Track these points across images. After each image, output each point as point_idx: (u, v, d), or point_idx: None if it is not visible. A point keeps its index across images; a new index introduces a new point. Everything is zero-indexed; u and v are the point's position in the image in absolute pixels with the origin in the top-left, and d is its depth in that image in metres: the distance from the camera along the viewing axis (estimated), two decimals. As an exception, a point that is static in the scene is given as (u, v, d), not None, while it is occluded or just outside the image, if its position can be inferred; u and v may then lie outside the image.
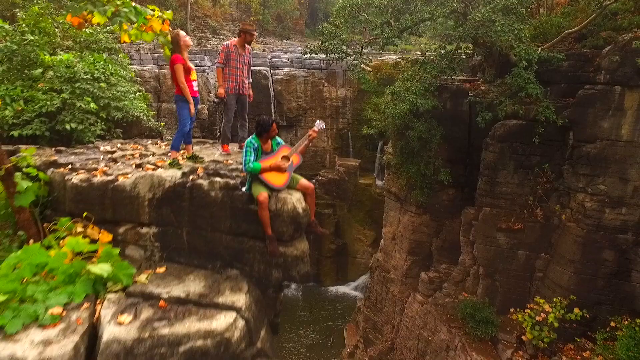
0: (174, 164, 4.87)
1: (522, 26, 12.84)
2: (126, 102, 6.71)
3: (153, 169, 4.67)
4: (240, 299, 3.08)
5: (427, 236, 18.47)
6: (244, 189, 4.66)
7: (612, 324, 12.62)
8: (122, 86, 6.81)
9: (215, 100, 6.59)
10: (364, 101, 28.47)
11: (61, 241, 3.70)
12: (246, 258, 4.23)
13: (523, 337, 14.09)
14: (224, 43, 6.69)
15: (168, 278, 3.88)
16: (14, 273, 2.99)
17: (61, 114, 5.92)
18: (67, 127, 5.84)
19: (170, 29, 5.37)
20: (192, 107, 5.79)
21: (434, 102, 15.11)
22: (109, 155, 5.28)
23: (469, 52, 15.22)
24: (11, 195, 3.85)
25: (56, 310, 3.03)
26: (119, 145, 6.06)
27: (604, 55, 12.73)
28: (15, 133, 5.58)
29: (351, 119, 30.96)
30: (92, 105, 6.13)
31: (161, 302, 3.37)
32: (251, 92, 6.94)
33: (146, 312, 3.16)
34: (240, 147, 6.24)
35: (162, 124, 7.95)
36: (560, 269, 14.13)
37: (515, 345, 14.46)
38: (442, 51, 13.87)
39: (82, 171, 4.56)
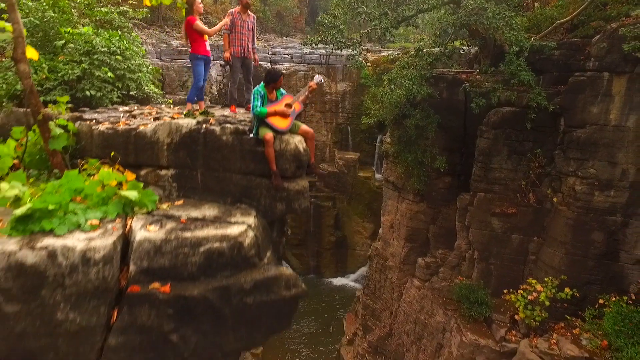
0: (189, 115, 5.41)
1: (513, 14, 13.33)
2: (140, 75, 7.24)
3: (171, 119, 5.21)
4: (250, 219, 3.55)
5: (424, 223, 18.95)
6: (251, 134, 5.20)
7: (601, 301, 13.09)
8: (135, 60, 7.34)
9: (222, 63, 7.16)
10: (363, 94, 28.96)
11: (92, 177, 4.17)
12: (254, 194, 4.73)
13: (516, 317, 14.55)
14: (229, 11, 7.26)
15: (186, 207, 4.39)
16: (57, 194, 3.47)
17: (81, 82, 6.43)
18: (87, 93, 6.35)
19: None
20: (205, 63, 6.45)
21: (429, 91, 15.60)
22: (128, 113, 5.77)
23: (464, 43, 15.70)
24: (46, 139, 4.32)
25: (94, 221, 3.50)
26: (136, 107, 6.58)
27: (594, 43, 13.22)
28: (40, 99, 6.07)
29: (350, 113, 31.46)
30: (110, 74, 6.65)
31: (182, 219, 3.86)
32: (256, 57, 7.51)
33: (170, 224, 3.63)
34: (247, 109, 6.77)
35: (171, 100, 8.47)
36: (551, 251, 14.61)
37: (508, 325, 14.91)
38: (437, 39, 14.35)
39: (107, 123, 5.09)
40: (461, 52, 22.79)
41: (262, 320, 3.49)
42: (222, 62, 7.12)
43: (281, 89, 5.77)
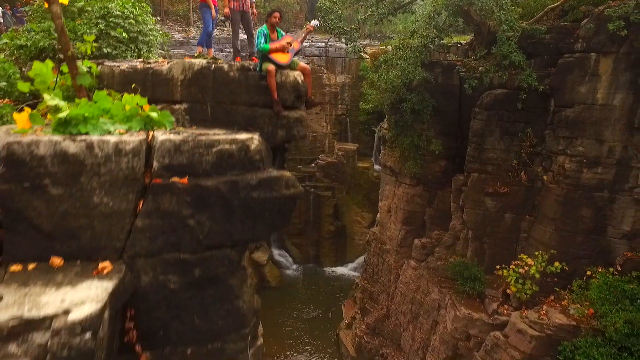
0: (200, 56, 5.99)
1: (505, -3, 13.90)
2: (151, 38, 7.82)
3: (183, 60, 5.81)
4: (255, 136, 4.07)
5: (421, 206, 19.49)
6: (256, 71, 5.82)
7: (588, 273, 13.62)
8: (147, 25, 7.91)
9: (222, 18, 7.75)
10: (362, 85, 29.45)
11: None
12: (257, 122, 5.29)
13: (508, 291, 15.07)
14: None
15: (199, 129, 4.94)
16: (90, 108, 4.02)
17: (98, 42, 6.99)
18: (104, 51, 6.94)
19: None
20: (213, 11, 7.11)
21: (425, 75, 16.16)
22: (144, 63, 6.31)
23: (459, 25, 16.22)
24: (74, 76, 4.86)
25: (122, 130, 4.04)
26: (149, 59, 7.17)
27: (582, 26, 13.78)
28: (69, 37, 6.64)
29: (350, 105, 31.95)
30: (124, 34, 7.22)
31: (196, 132, 4.40)
32: (255, 10, 8.12)
33: (186, 133, 4.16)
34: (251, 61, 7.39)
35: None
36: (542, 228, 15.15)
37: (500, 299, 15.45)
38: (432, 20, 14.89)
39: (126, 65, 5.67)
40: (458, 45, 23.38)
41: (265, 214, 4.02)
42: (222, 18, 7.71)
43: (281, 31, 6.41)
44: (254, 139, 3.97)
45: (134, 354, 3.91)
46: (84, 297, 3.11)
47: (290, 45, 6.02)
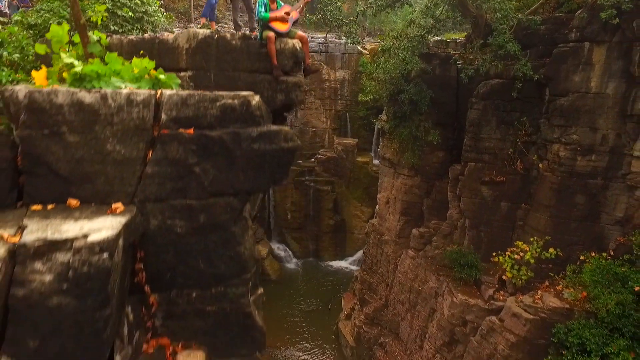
0: (204, 27, 6.30)
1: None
2: (156, 18, 8.14)
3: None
4: (255, 95, 4.36)
5: (419, 197, 19.78)
6: (257, 39, 6.12)
7: (582, 257, 13.89)
8: (152, 7, 8.23)
9: None
10: (361, 81, 29.71)
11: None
12: (258, 88, 5.60)
13: (503, 277, 15.33)
14: None
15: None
16: (102, 67, 4.34)
17: (104, 20, 7.32)
18: (111, 28, 7.25)
19: None
20: None
21: (423, 65, 16.47)
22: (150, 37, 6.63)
23: (456, 18, 16.52)
24: (85, 44, 5.17)
25: (132, 88, 4.33)
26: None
27: (576, 16, 14.07)
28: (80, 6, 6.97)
29: (349, 100, 32.22)
30: (130, 13, 7.55)
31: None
32: None
33: (193, 91, 4.46)
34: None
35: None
36: (537, 215, 15.42)
37: (496, 285, 15.72)
38: (428, 10, 15.18)
39: (133, 36, 5.99)
40: (457, 41, 23.68)
41: (265, 166, 4.29)
42: None
43: (280, 1, 6.73)
44: (254, 96, 4.25)
45: (143, 294, 4.19)
46: (100, 226, 3.40)
47: (289, 14, 6.33)
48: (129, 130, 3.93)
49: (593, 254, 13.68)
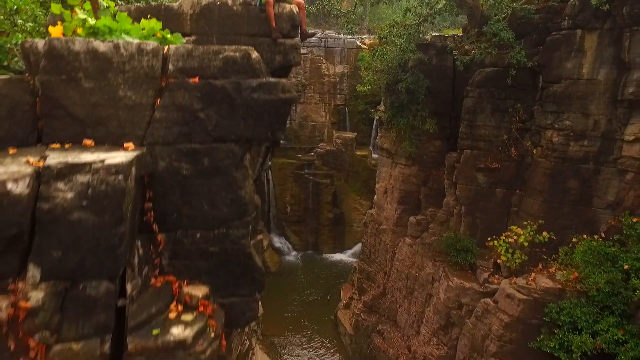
0: None
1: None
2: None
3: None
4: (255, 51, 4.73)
5: (416, 186, 20.11)
6: (256, 4, 6.49)
7: (574, 240, 14.23)
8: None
9: None
10: (360, 75, 29.98)
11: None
12: (258, 50, 5.89)
13: (498, 261, 15.67)
14: None
15: None
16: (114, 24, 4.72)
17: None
18: (119, 2, 7.65)
19: None
20: None
21: (419, 55, 16.82)
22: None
23: (453, 9, 16.87)
24: (95, 9, 5.52)
25: (141, 43, 4.70)
26: None
27: (569, 4, 14.43)
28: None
29: (348, 94, 32.57)
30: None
31: None
32: None
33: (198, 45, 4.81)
34: None
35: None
36: (531, 200, 15.77)
37: (491, 270, 16.06)
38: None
39: (141, 4, 6.37)
40: (455, 37, 24.01)
41: (264, 115, 4.63)
42: None
43: None
44: (255, 54, 4.60)
45: (152, 233, 4.52)
46: (115, 155, 3.74)
47: None
48: (139, 78, 4.27)
49: (585, 237, 14.01)
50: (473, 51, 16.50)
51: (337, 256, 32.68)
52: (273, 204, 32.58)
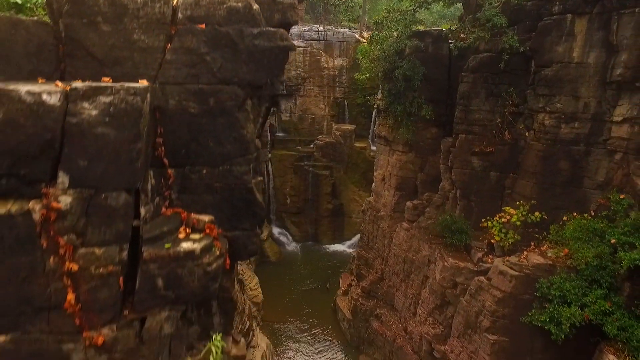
0: None
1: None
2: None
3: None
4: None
5: (413, 172, 20.59)
6: None
7: (565, 218, 14.66)
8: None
9: None
10: (359, 68, 30.42)
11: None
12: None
13: (492, 241, 16.12)
14: None
15: None
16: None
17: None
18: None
19: None
20: None
21: (416, 42, 17.30)
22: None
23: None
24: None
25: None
26: None
27: (560, -9, 14.88)
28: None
29: (347, 87, 33.07)
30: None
31: None
32: None
33: None
34: None
35: None
36: (524, 182, 16.22)
37: (485, 250, 16.49)
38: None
39: None
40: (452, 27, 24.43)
41: (264, 61, 5.08)
42: None
43: None
44: (255, 3, 5.06)
45: (163, 168, 4.96)
46: (132, 84, 4.20)
47: None
48: (152, 23, 4.73)
49: (575, 215, 14.44)
50: (467, 38, 16.98)
51: (336, 247, 33.15)
52: (273, 195, 33.05)
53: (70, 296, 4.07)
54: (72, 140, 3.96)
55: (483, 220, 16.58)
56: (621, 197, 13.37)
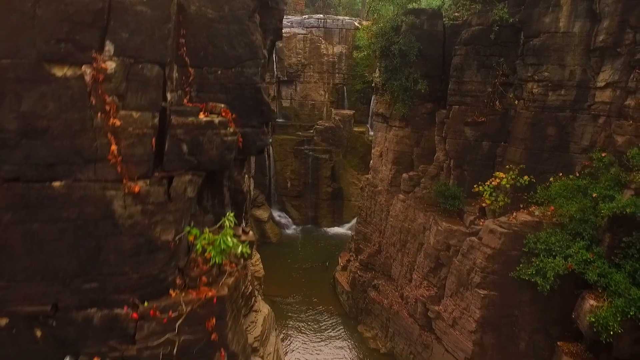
0: None
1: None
2: None
3: None
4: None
5: (409, 147, 21.37)
6: None
7: (551, 179, 15.47)
8: None
9: None
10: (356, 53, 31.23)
11: None
12: None
13: (483, 205, 16.91)
14: None
15: None
16: None
17: None
18: None
19: None
20: None
21: (412, 18, 18.14)
22: None
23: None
24: None
25: None
26: None
27: (547, -38, 15.69)
28: None
29: (346, 74, 33.87)
30: None
31: None
32: None
33: None
34: None
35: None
36: (514, 149, 17.02)
37: (477, 214, 17.29)
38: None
39: None
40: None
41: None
42: None
43: None
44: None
45: (184, 67, 5.75)
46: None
47: None
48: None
49: (561, 176, 15.25)
50: (461, 17, 17.81)
51: (336, 229, 33.88)
52: (274, 178, 33.83)
53: (114, 147, 4.88)
54: (116, 16, 4.76)
55: (475, 185, 17.33)
56: (603, 155, 14.17)
